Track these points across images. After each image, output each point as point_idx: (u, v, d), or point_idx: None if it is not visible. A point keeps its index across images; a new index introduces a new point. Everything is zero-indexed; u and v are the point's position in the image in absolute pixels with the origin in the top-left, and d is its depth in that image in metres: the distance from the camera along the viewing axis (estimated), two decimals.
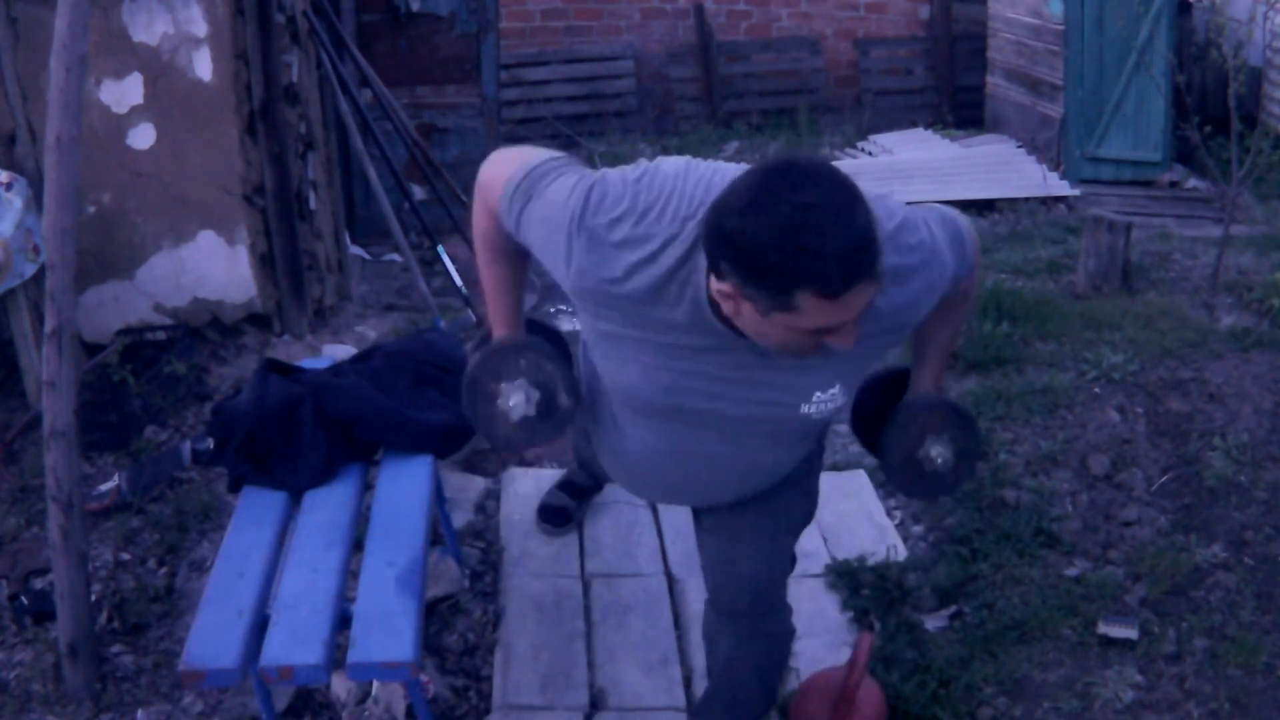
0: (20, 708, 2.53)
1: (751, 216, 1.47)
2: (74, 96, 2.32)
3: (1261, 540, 2.91)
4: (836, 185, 1.49)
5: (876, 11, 8.36)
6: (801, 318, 1.51)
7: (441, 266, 4.68)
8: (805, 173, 1.50)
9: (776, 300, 1.50)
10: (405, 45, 5.64)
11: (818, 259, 1.45)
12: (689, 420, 1.86)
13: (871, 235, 1.48)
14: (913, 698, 2.50)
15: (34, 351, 3.32)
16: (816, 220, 1.45)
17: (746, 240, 1.48)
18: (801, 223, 1.45)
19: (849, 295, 1.48)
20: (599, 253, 1.70)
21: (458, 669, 2.70)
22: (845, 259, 1.45)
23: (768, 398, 1.79)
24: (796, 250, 1.45)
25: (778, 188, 1.48)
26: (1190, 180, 6.75)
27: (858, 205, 1.48)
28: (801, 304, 1.49)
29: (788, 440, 1.95)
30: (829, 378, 1.78)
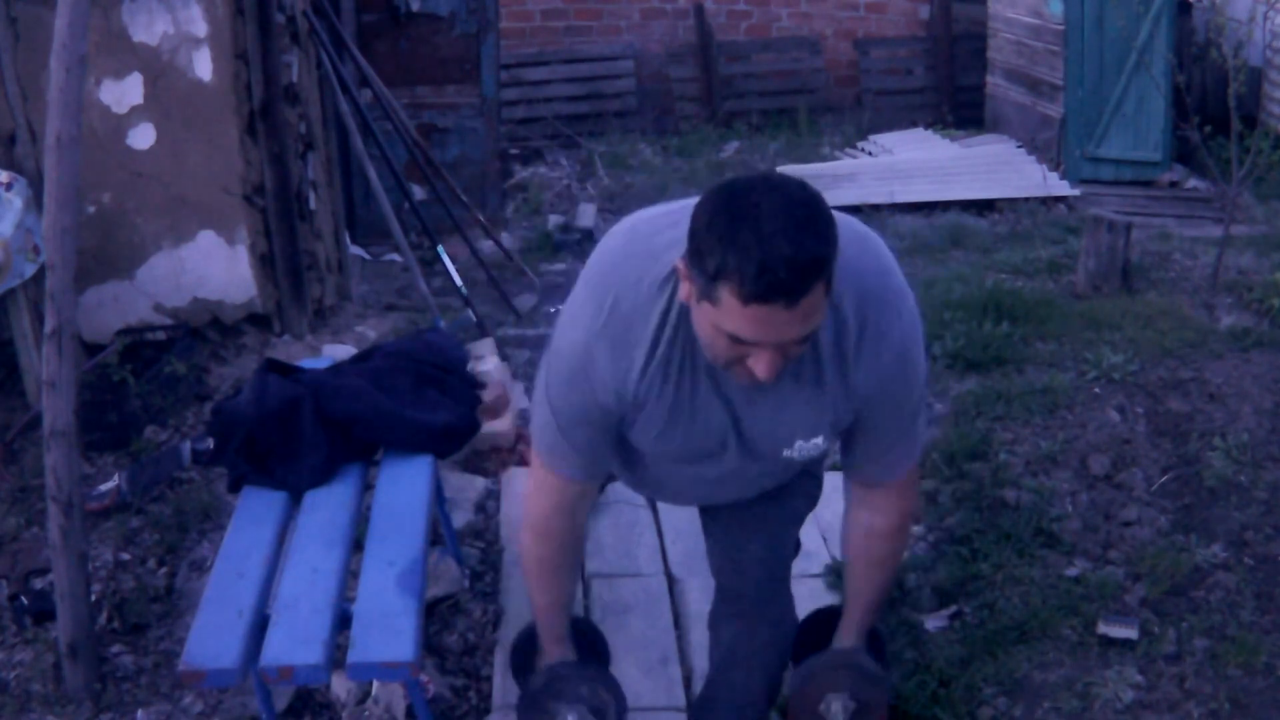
0: (20, 708, 2.53)
1: (718, 198, 1.50)
2: (74, 96, 2.32)
3: (1261, 540, 2.91)
4: (802, 206, 1.48)
5: (876, 11, 8.36)
6: (721, 315, 1.51)
7: (441, 266, 4.68)
8: (783, 187, 1.50)
9: (705, 286, 1.50)
10: (405, 45, 5.64)
11: (743, 256, 1.45)
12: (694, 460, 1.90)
13: (810, 264, 1.46)
14: (913, 698, 2.50)
15: (34, 351, 3.32)
16: (762, 223, 1.45)
17: (702, 214, 1.51)
18: (749, 220, 1.46)
19: (762, 309, 1.47)
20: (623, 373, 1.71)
21: (458, 669, 2.70)
22: (768, 267, 1.44)
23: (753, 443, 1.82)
24: (731, 241, 1.46)
25: (754, 187, 1.50)
26: (1190, 180, 6.75)
27: (812, 233, 1.46)
28: (722, 298, 1.49)
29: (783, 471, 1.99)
30: (810, 428, 1.79)
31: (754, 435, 1.81)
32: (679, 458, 1.89)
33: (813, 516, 3.06)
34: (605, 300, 1.70)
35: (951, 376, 3.76)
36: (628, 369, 1.71)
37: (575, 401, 1.78)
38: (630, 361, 1.71)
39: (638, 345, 1.70)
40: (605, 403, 1.75)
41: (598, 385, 1.74)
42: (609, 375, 1.72)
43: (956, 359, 3.80)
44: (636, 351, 1.70)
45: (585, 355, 1.72)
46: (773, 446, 1.82)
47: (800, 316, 1.50)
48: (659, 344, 1.70)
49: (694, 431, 1.80)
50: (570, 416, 1.80)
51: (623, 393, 1.74)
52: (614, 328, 1.70)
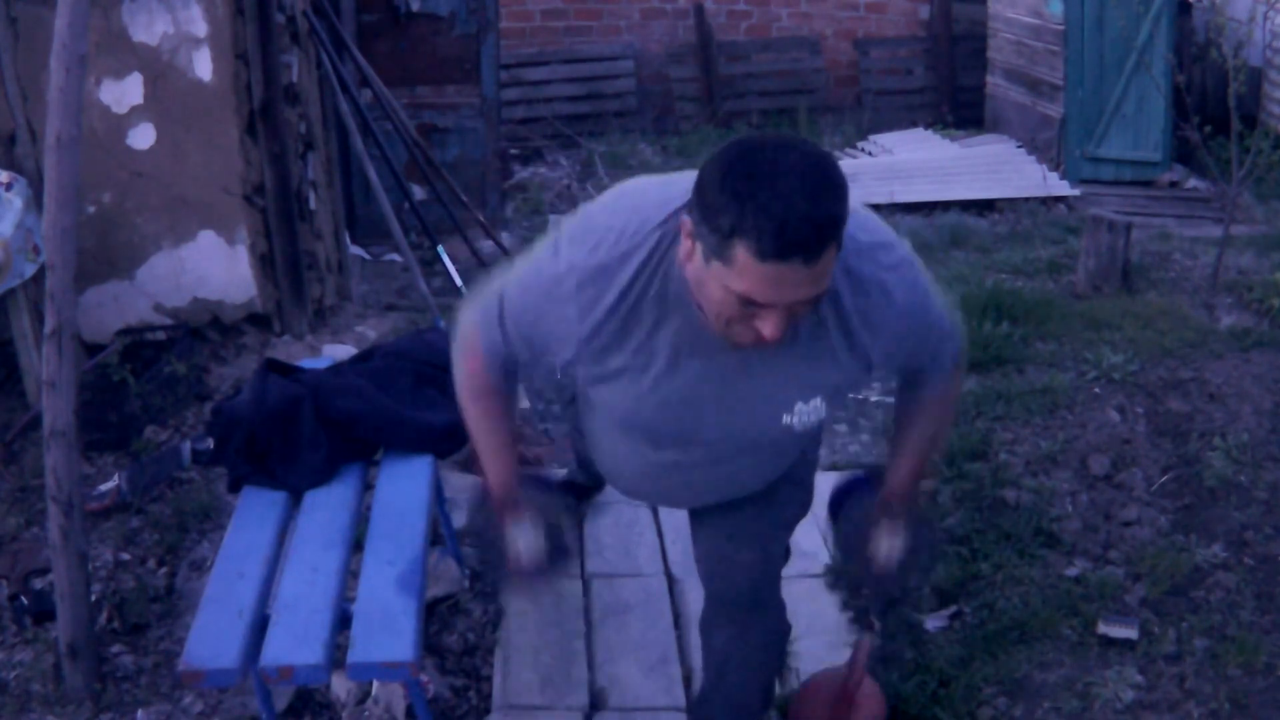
0: (20, 708, 2.53)
1: (730, 156, 1.49)
2: (74, 96, 2.32)
3: (1261, 540, 2.91)
4: (818, 166, 1.48)
5: (876, 11, 8.36)
6: (733, 275, 1.50)
7: (441, 266, 4.68)
8: (798, 146, 1.51)
9: (718, 245, 1.49)
10: (405, 45, 5.64)
11: (763, 214, 1.44)
12: (676, 439, 1.87)
13: (827, 222, 1.46)
14: (913, 698, 2.50)
15: (34, 351, 3.32)
16: (779, 181, 1.45)
17: (715, 172, 1.49)
18: (766, 177, 1.45)
19: (780, 267, 1.46)
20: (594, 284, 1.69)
21: (458, 669, 2.70)
22: (788, 225, 1.44)
23: (749, 409, 1.79)
24: (748, 198, 1.45)
25: (768, 145, 1.50)
26: (1190, 180, 6.75)
27: (829, 191, 1.47)
28: (737, 257, 1.47)
29: (775, 450, 1.96)
30: (810, 389, 1.77)
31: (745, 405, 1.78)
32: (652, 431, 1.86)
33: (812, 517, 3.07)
34: (589, 240, 1.70)
35: None
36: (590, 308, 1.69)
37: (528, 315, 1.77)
38: (597, 302, 1.69)
39: (607, 289, 1.68)
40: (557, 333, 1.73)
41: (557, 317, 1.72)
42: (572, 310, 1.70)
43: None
44: (605, 295, 1.69)
45: (556, 282, 1.71)
46: (771, 413, 1.79)
47: (814, 276, 1.49)
48: (629, 294, 1.68)
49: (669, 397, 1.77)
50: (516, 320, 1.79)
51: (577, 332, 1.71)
52: (590, 265, 1.68)
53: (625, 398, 1.80)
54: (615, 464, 2.08)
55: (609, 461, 2.10)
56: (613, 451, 2.04)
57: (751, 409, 1.79)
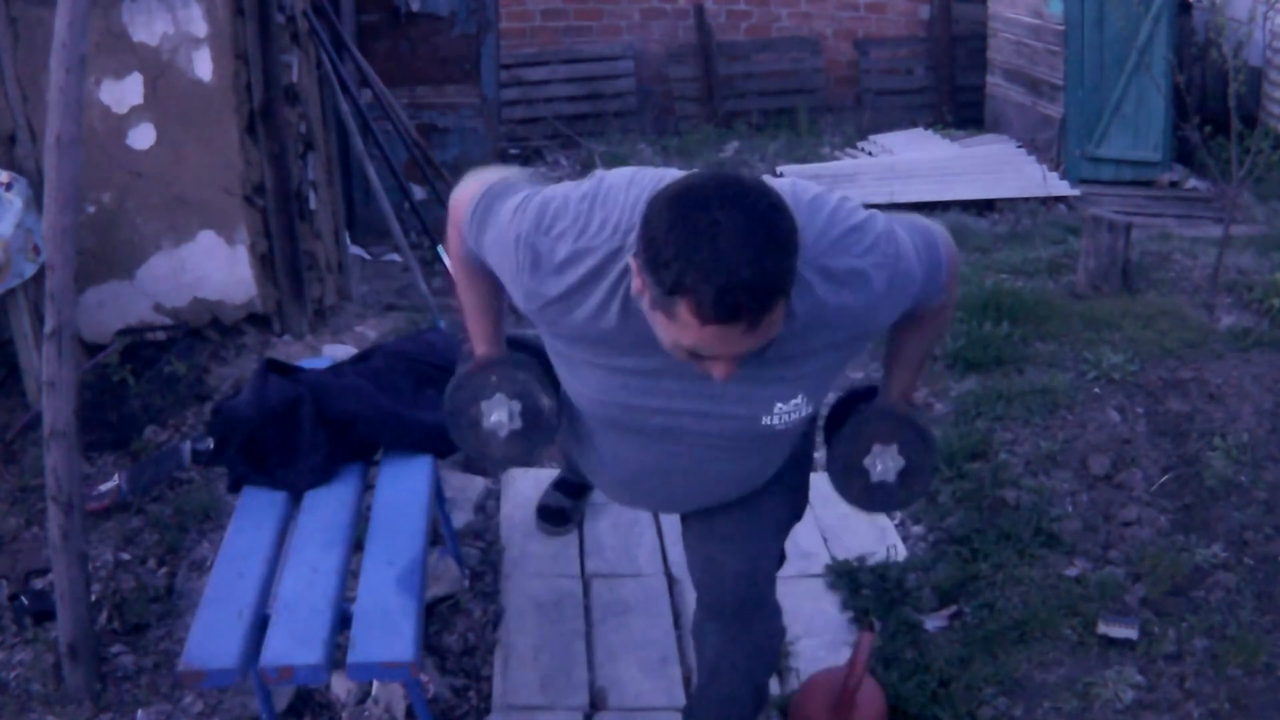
0: (20, 708, 2.53)
1: (674, 208, 1.46)
2: (74, 96, 2.32)
3: (1261, 540, 2.91)
4: (765, 222, 1.44)
5: (876, 11, 8.36)
6: (677, 329, 1.49)
7: (441, 266, 4.68)
8: (745, 195, 1.46)
9: (660, 298, 1.48)
10: (405, 45, 5.64)
11: (702, 279, 1.42)
12: (654, 436, 1.86)
13: (770, 285, 1.43)
14: (913, 698, 2.50)
15: (34, 351, 3.32)
16: (722, 244, 1.42)
17: (657, 229, 1.46)
18: (707, 238, 1.42)
19: (721, 329, 1.45)
20: (543, 272, 1.69)
21: (458, 669, 2.70)
22: (727, 292, 1.41)
23: (727, 411, 1.78)
24: (689, 260, 1.42)
25: (712, 195, 1.46)
26: (1190, 180, 6.75)
27: (773, 251, 1.44)
28: (678, 313, 1.46)
29: (758, 451, 1.93)
30: (789, 389, 1.75)
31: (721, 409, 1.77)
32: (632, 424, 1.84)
33: (812, 517, 3.08)
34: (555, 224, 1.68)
35: (951, 376, 3.76)
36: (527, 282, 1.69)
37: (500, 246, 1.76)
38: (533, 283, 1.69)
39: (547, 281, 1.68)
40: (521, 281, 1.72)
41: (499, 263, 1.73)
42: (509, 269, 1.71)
43: (956, 359, 3.80)
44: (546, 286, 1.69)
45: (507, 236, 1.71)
46: (750, 414, 1.77)
47: (759, 333, 1.48)
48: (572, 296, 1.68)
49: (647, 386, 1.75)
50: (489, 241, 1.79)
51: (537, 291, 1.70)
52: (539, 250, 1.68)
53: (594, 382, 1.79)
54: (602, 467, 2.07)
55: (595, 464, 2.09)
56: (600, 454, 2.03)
57: (729, 411, 1.78)
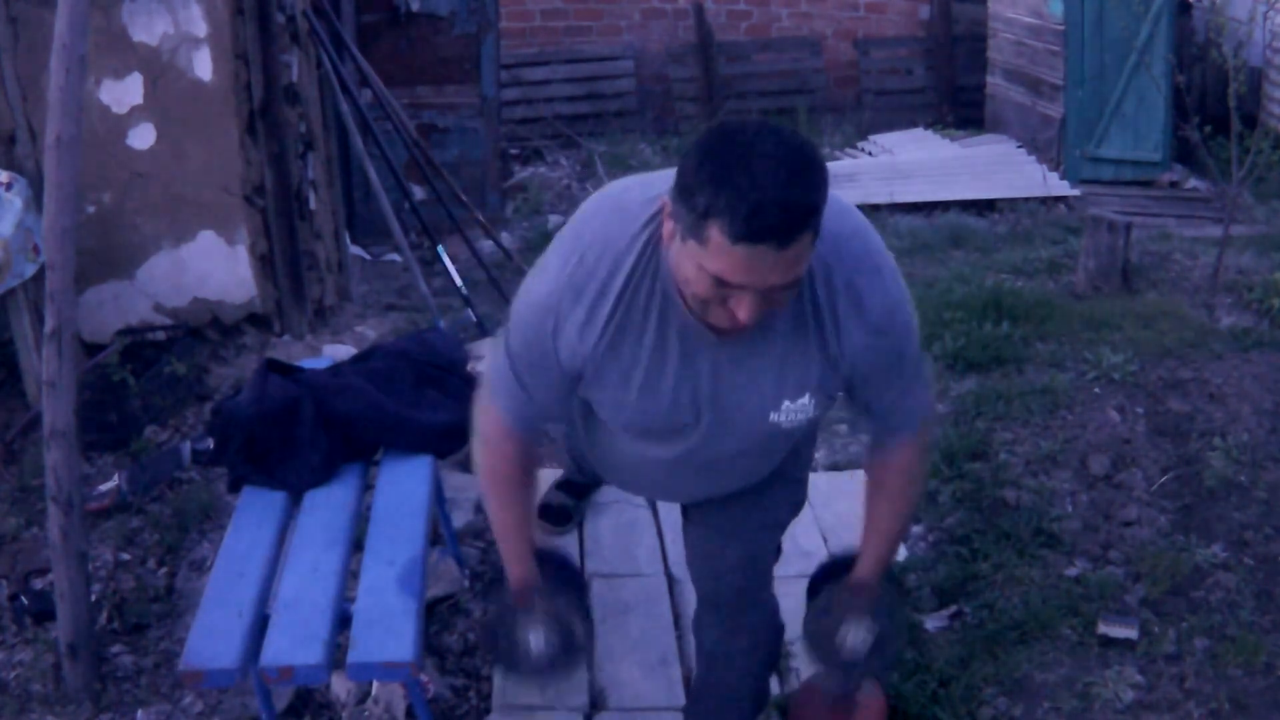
0: (20, 708, 2.53)
1: (711, 138, 1.51)
2: (74, 96, 2.32)
3: (1261, 540, 2.91)
4: (797, 152, 1.49)
5: (876, 11, 8.36)
6: (707, 255, 1.50)
7: (441, 266, 4.68)
8: (779, 132, 1.51)
9: (693, 225, 1.50)
10: (405, 45, 5.64)
11: (737, 196, 1.45)
12: (666, 435, 1.88)
13: (801, 208, 1.47)
14: (913, 698, 2.50)
15: (34, 351, 3.32)
16: (756, 164, 1.45)
17: (694, 153, 1.51)
18: (744, 161, 1.46)
19: (751, 249, 1.47)
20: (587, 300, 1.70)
21: (458, 669, 2.70)
22: (761, 208, 1.44)
23: (738, 406, 1.79)
24: (724, 180, 1.46)
25: (748, 129, 1.51)
26: (1190, 180, 6.75)
27: (806, 178, 1.48)
28: (710, 237, 1.48)
29: (765, 447, 1.95)
30: (798, 388, 1.77)
31: (735, 400, 1.78)
32: (649, 429, 1.86)
33: (812, 516, 3.08)
34: (574, 253, 1.70)
35: (951, 376, 3.76)
36: (590, 321, 1.70)
37: (534, 349, 1.76)
38: (594, 315, 1.70)
39: (603, 299, 1.69)
40: (563, 357, 1.74)
41: (560, 339, 1.73)
42: (571, 328, 1.71)
43: (956, 359, 3.80)
44: (602, 304, 1.69)
45: (550, 304, 1.72)
46: (759, 410, 1.79)
47: (787, 262, 1.50)
48: (624, 299, 1.69)
49: (662, 394, 1.77)
50: (527, 361, 1.79)
51: (580, 349, 1.72)
52: (580, 279, 1.69)
53: (618, 397, 1.80)
54: (608, 460, 2.08)
55: (603, 457, 2.10)
56: (606, 448, 2.04)
57: (739, 406, 1.79)
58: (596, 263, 1.69)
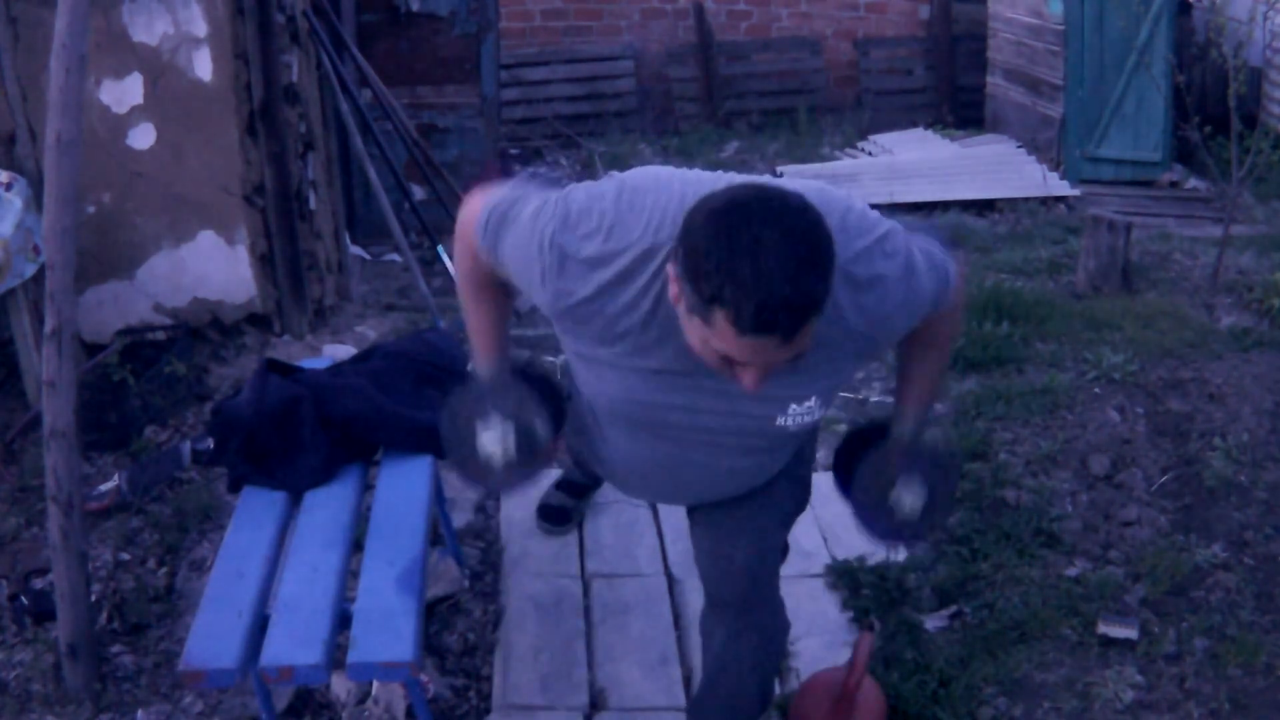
0: (20, 708, 2.53)
1: (717, 221, 1.49)
2: (74, 96, 2.32)
3: (1261, 540, 2.91)
4: (806, 240, 1.48)
5: (876, 11, 8.36)
6: (713, 335, 1.52)
7: (441, 266, 4.68)
8: (787, 212, 1.49)
9: (698, 306, 1.51)
10: (405, 45, 5.64)
11: (742, 292, 1.45)
12: (669, 432, 1.88)
13: (806, 303, 1.47)
14: (913, 698, 2.50)
15: (34, 351, 3.32)
16: (763, 259, 1.45)
17: (699, 238, 1.50)
18: (749, 252, 1.45)
19: (757, 340, 1.48)
20: (571, 272, 1.71)
21: (458, 669, 2.70)
22: (765, 306, 1.45)
23: (743, 410, 1.80)
24: (730, 272, 1.45)
25: (755, 210, 1.49)
26: (1190, 180, 6.75)
27: (812, 270, 1.47)
28: (715, 322, 1.49)
29: (768, 449, 1.96)
30: (804, 391, 1.78)
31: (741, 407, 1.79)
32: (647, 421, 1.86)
33: (812, 516, 3.08)
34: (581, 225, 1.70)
35: (951, 376, 3.76)
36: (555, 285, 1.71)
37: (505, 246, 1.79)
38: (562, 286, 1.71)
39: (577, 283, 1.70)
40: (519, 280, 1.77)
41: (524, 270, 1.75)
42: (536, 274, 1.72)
43: (956, 359, 3.80)
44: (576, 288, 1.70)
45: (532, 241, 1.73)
46: (765, 415, 1.80)
47: (793, 346, 1.52)
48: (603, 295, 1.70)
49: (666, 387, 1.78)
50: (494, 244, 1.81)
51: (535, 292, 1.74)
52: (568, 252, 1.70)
53: (616, 381, 1.81)
54: (612, 459, 2.08)
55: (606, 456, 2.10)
56: (611, 445, 2.04)
57: (745, 410, 1.80)
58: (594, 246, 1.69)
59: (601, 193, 1.74)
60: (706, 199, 1.54)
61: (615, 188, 1.74)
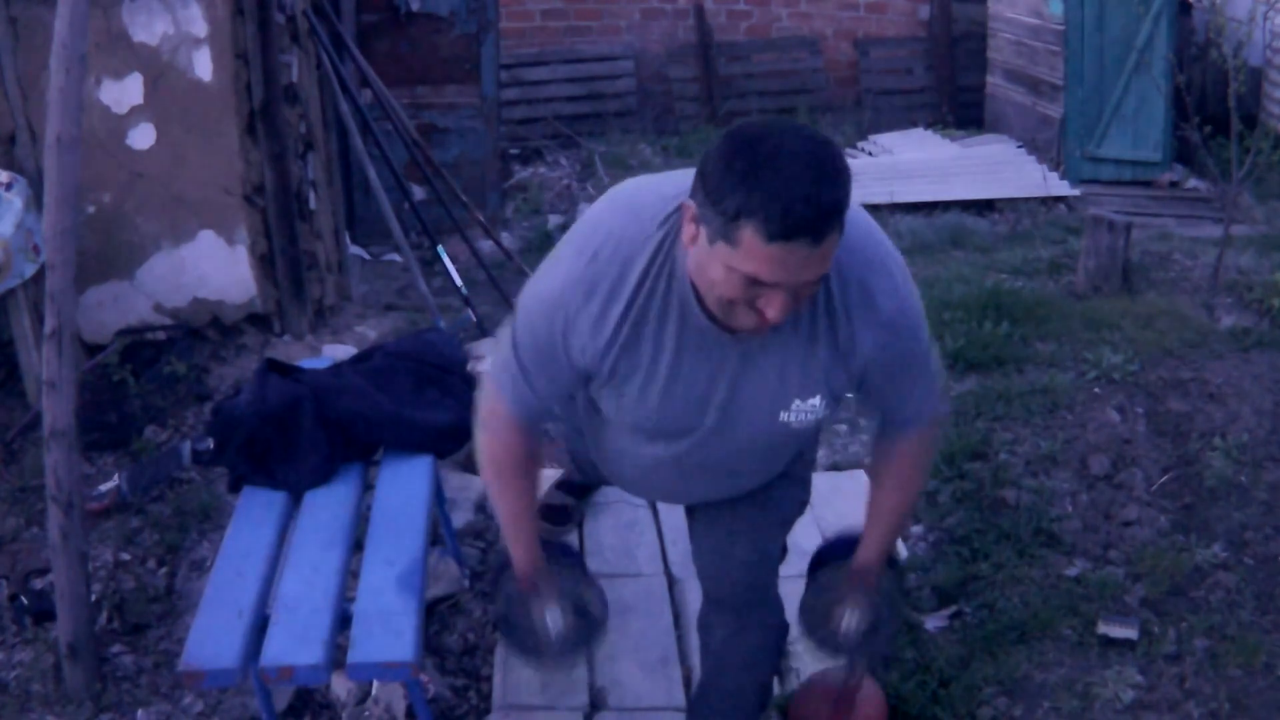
0: (20, 708, 2.53)
1: (735, 140, 1.52)
2: (74, 96, 2.32)
3: (1261, 540, 2.91)
4: (822, 150, 1.51)
5: (876, 11, 8.36)
6: (739, 256, 1.51)
7: (441, 266, 4.68)
8: (801, 131, 1.53)
9: (723, 227, 1.51)
10: (405, 45, 5.64)
11: (770, 196, 1.47)
12: (675, 435, 1.88)
13: (831, 204, 1.49)
14: (913, 698, 2.50)
15: (34, 351, 3.32)
16: (785, 164, 1.48)
17: (720, 156, 1.52)
18: (772, 161, 1.48)
19: (786, 248, 1.48)
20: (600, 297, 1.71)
21: (458, 669, 2.70)
22: (794, 207, 1.46)
23: (748, 406, 1.80)
24: (755, 180, 1.47)
25: (773, 130, 1.52)
26: (1190, 180, 6.75)
27: (833, 175, 1.50)
28: (743, 239, 1.50)
29: (772, 448, 1.96)
30: (809, 387, 1.78)
31: (747, 399, 1.79)
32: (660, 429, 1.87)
33: (812, 516, 3.08)
34: (587, 250, 1.71)
35: (951, 376, 3.76)
36: (602, 319, 1.71)
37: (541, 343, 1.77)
38: (607, 313, 1.71)
39: (616, 298, 1.70)
40: (574, 355, 1.75)
41: (570, 336, 1.74)
42: (584, 325, 1.72)
43: (956, 359, 3.80)
44: (614, 303, 1.70)
45: (561, 300, 1.72)
46: (770, 409, 1.80)
47: (819, 257, 1.52)
48: (638, 299, 1.70)
49: (676, 396, 1.78)
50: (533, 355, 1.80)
51: (592, 347, 1.73)
52: (592, 276, 1.70)
53: (629, 398, 1.81)
54: (614, 460, 2.09)
55: (608, 457, 2.10)
56: (612, 447, 2.04)
57: (750, 406, 1.80)
58: (609, 261, 1.69)
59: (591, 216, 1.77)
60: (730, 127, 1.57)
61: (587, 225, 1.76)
